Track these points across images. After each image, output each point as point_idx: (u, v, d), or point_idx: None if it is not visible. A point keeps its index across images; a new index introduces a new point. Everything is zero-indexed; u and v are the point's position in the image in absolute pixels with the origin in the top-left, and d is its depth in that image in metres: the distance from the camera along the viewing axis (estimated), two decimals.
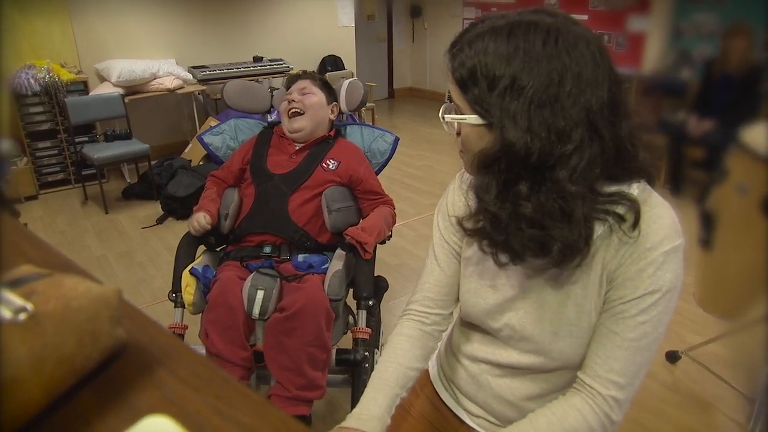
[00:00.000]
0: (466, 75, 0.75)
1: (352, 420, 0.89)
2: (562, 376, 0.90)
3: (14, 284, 0.46)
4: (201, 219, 1.88)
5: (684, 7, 4.33)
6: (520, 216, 0.77)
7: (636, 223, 0.79)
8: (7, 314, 0.43)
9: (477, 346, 1.00)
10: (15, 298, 0.44)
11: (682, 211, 0.91)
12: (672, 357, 2.39)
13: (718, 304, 2.17)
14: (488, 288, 0.93)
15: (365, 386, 1.73)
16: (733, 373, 2.26)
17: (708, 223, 1.93)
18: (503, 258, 0.84)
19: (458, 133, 0.83)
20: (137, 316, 0.57)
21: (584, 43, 0.74)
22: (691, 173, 3.57)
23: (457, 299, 1.02)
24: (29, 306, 0.44)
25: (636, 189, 0.81)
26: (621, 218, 0.79)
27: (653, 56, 4.80)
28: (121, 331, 0.51)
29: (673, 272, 0.80)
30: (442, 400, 1.10)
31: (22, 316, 0.43)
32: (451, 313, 1.04)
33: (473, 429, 1.04)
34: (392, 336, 1.03)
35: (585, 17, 5.80)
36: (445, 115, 0.82)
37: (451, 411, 1.08)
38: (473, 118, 0.77)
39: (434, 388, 1.13)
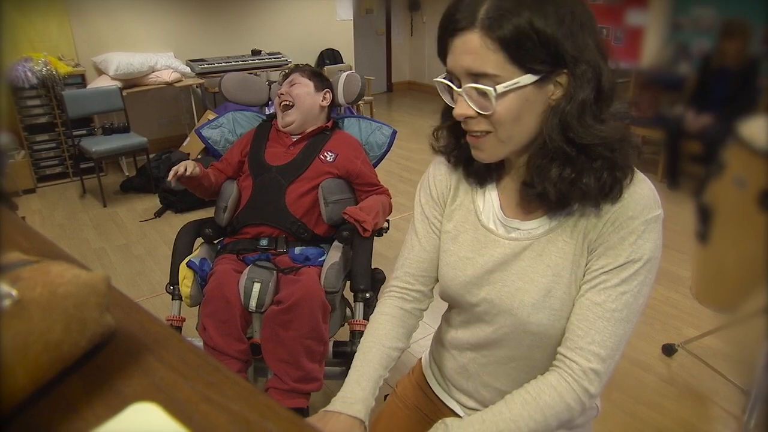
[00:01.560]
0: (514, 34, 0.72)
1: (336, 404, 0.90)
2: (547, 360, 0.90)
3: (0, 270, 0.46)
4: (189, 164, 1.84)
5: (682, 1, 4.32)
6: (600, 146, 0.78)
7: (621, 191, 0.80)
8: None
9: (461, 333, 1.00)
10: (1, 284, 0.44)
11: (679, 205, 0.92)
12: (668, 350, 2.40)
13: (714, 297, 2.17)
14: (467, 261, 0.93)
15: None
16: (730, 366, 2.27)
17: (705, 217, 1.93)
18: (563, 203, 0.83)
19: (480, 115, 0.79)
20: (127, 304, 0.57)
21: None
22: (688, 167, 3.57)
23: (437, 276, 1.02)
24: (14, 292, 0.44)
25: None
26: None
27: (651, 51, 4.79)
28: (110, 318, 0.50)
29: (653, 242, 0.80)
30: (435, 393, 1.11)
31: (7, 302, 0.43)
32: (431, 291, 1.05)
33: None
34: (373, 315, 1.03)
35: None
36: (497, 86, 0.75)
37: (444, 403, 1.09)
38: (527, 77, 0.75)
39: (427, 381, 1.14)
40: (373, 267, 1.93)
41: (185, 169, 1.82)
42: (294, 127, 2.00)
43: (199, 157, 4.45)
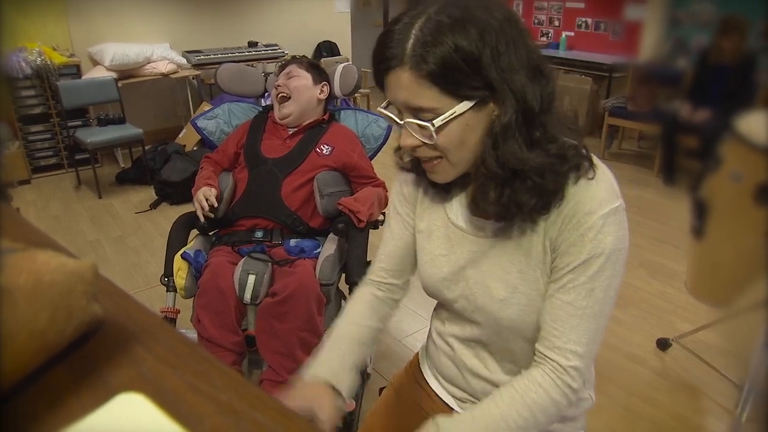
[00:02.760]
0: (441, 67, 0.73)
1: (308, 373, 0.94)
2: (528, 350, 0.91)
3: None
4: (207, 192, 1.84)
5: None
6: (533, 170, 0.78)
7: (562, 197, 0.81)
8: None
9: (447, 326, 1.03)
10: None
11: (675, 200, 0.92)
12: (663, 344, 2.41)
13: (709, 292, 2.18)
14: (442, 258, 0.96)
15: None
16: (723, 361, 2.28)
17: (701, 212, 1.93)
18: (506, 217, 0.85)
19: (426, 144, 0.80)
20: (116, 293, 0.56)
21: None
22: (685, 162, 3.58)
23: (411, 270, 1.06)
24: None
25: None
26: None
27: (650, 45, 4.78)
28: (98, 307, 0.50)
29: (613, 234, 0.80)
30: (430, 385, 1.11)
31: None
32: (407, 282, 1.08)
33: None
34: (348, 303, 1.08)
35: (581, 6, 5.77)
36: (434, 121, 0.75)
37: (438, 395, 1.09)
38: (463, 105, 0.75)
39: (423, 374, 1.14)
40: (368, 259, 1.92)
41: (207, 200, 1.82)
42: (291, 120, 1.98)
43: (194, 148, 4.43)
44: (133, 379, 0.45)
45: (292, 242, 1.87)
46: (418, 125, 0.78)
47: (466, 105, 0.76)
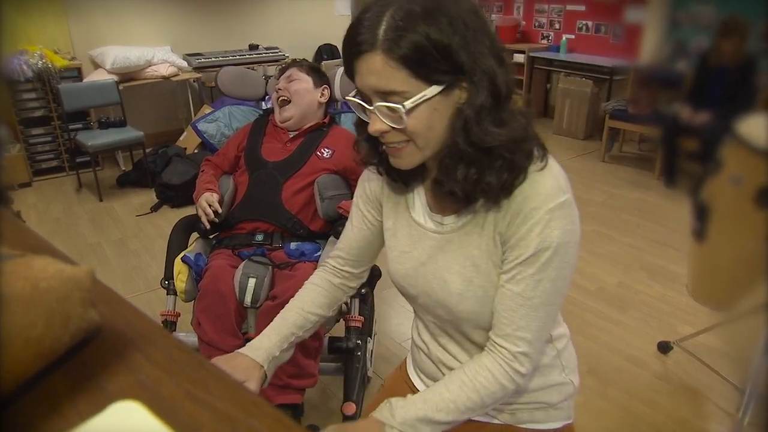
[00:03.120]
0: (413, 51, 0.76)
1: (246, 348, 1.03)
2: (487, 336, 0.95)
3: None
4: (210, 198, 1.86)
5: None
6: (499, 147, 0.82)
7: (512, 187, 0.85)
8: None
9: (420, 324, 1.09)
10: None
11: (676, 203, 0.93)
12: (663, 347, 2.40)
13: (710, 295, 2.17)
14: (405, 254, 1.00)
15: (358, 374, 1.75)
16: (725, 364, 2.27)
17: (702, 215, 1.93)
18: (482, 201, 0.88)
19: (394, 129, 0.83)
20: (113, 299, 0.56)
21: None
22: (685, 165, 3.57)
23: (369, 261, 1.15)
24: None
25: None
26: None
27: (650, 48, 4.77)
28: (95, 314, 0.50)
29: (560, 228, 0.84)
30: (413, 382, 1.16)
31: None
32: (363, 272, 1.16)
33: None
34: (304, 284, 1.15)
35: (582, 8, 5.77)
36: (405, 103, 0.78)
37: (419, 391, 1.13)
38: (433, 89, 0.79)
39: (409, 375, 1.18)
40: None
41: (209, 206, 1.84)
42: (292, 123, 1.98)
43: (195, 151, 4.43)
44: (130, 386, 0.45)
45: (293, 245, 1.86)
46: (388, 108, 0.80)
47: (435, 89, 0.79)
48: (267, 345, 1.03)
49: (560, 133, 5.66)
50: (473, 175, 0.83)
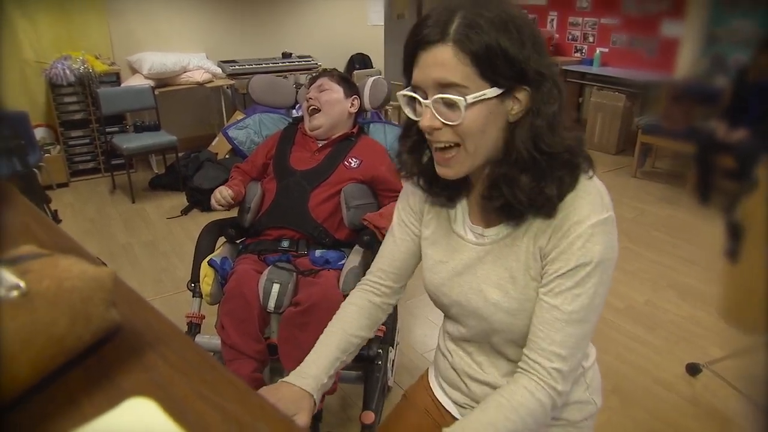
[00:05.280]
0: (484, 51, 0.79)
1: (292, 376, 1.00)
2: (520, 354, 0.94)
3: (11, 262, 0.47)
4: (223, 191, 1.91)
5: (721, 13, 4.22)
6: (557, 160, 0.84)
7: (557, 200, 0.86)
8: (0, 291, 0.44)
9: (447, 333, 1.09)
10: (9, 276, 0.45)
11: (708, 221, 0.93)
12: (692, 369, 2.34)
13: (742, 317, 2.11)
14: (441, 264, 1.01)
15: (378, 383, 1.75)
16: (757, 390, 2.20)
17: (735, 234, 1.88)
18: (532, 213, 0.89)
19: (446, 126, 0.83)
20: (133, 300, 0.58)
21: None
22: (720, 182, 3.49)
23: (408, 275, 1.13)
24: (22, 284, 0.45)
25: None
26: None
27: (686, 62, 4.69)
28: (115, 314, 0.51)
29: (602, 244, 0.84)
30: (435, 393, 1.16)
31: (14, 294, 0.44)
32: (403, 287, 1.14)
33: None
34: (343, 304, 1.14)
35: (617, 22, 5.70)
36: (467, 96, 0.80)
37: (440, 403, 1.14)
38: (493, 90, 0.80)
39: (429, 382, 1.19)
40: None
41: (222, 197, 1.91)
42: (321, 132, 2.00)
43: (226, 156, 4.51)
44: (144, 384, 0.47)
45: (318, 253, 1.88)
46: (446, 103, 0.82)
47: (495, 91, 0.81)
48: (315, 372, 1.01)
49: (591, 147, 5.59)
50: (537, 183, 0.84)
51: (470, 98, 0.79)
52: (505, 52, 0.79)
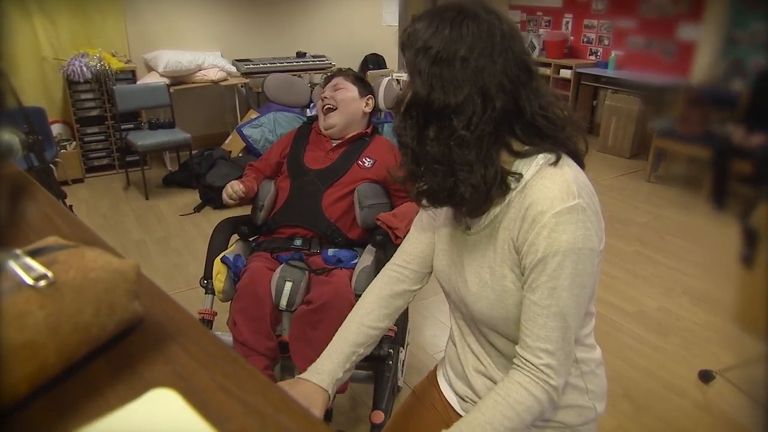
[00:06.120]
0: (404, 40, 0.88)
1: (306, 373, 1.02)
2: (510, 345, 0.95)
3: (38, 253, 0.48)
4: (235, 185, 1.92)
5: (740, 15, 4.18)
6: (429, 155, 0.87)
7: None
8: (29, 280, 0.45)
9: (452, 322, 1.13)
10: (37, 266, 0.46)
11: (723, 226, 0.92)
12: (705, 376, 2.32)
13: (758, 324, 2.09)
14: (443, 252, 1.05)
15: (388, 383, 1.75)
16: None
17: (751, 240, 1.87)
18: (424, 201, 0.95)
19: None
20: (155, 293, 0.59)
21: (487, 28, 0.84)
22: (736, 188, 3.45)
23: (431, 261, 1.12)
24: (50, 274, 0.46)
25: (542, 159, 0.88)
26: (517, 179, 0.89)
27: (703, 66, 4.65)
28: (138, 305, 0.52)
29: (569, 233, 0.83)
30: (440, 386, 1.18)
31: (42, 283, 0.45)
32: (428, 275, 1.14)
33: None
34: (364, 293, 1.15)
35: (632, 25, 5.66)
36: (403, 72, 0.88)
37: (444, 396, 1.15)
38: (405, 76, 0.89)
39: (437, 378, 1.20)
40: None
41: (232, 191, 1.92)
42: (335, 131, 2.01)
43: (240, 155, 4.54)
44: (166, 375, 0.47)
45: (330, 252, 1.89)
46: None
47: (406, 76, 0.91)
48: (329, 367, 1.03)
49: (605, 151, 5.55)
50: (445, 172, 0.88)
51: (397, 74, 0.89)
52: (412, 38, 0.88)
